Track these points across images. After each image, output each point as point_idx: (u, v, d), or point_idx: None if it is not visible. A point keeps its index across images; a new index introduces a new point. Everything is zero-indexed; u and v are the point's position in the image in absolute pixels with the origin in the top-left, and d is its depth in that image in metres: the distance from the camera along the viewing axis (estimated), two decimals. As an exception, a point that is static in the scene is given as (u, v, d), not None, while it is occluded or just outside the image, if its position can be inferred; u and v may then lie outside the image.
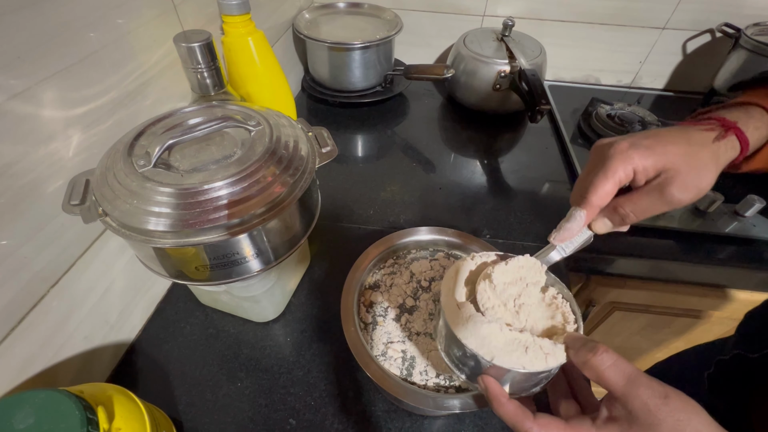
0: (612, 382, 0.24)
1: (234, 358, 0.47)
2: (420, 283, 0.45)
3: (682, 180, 0.28)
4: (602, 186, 0.29)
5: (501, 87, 0.80)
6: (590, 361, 0.25)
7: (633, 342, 0.86)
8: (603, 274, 0.66)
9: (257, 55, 0.57)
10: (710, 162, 0.29)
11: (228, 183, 0.32)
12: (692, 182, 0.28)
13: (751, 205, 0.62)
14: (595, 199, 0.29)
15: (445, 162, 0.77)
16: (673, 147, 0.28)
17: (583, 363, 0.25)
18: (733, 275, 0.63)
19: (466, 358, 0.29)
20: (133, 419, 0.32)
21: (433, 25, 0.96)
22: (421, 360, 0.39)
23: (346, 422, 0.42)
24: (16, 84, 0.31)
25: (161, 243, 0.32)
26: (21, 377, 0.34)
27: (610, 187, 0.29)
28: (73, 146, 0.36)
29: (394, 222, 0.64)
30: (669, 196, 0.28)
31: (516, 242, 0.61)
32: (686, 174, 0.28)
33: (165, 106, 0.48)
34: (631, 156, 0.28)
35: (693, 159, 0.28)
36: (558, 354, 0.27)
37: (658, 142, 0.29)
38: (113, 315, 0.45)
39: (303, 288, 0.55)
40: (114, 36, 0.39)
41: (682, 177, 0.28)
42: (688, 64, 0.96)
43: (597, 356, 0.24)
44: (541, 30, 0.90)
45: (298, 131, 0.40)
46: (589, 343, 0.25)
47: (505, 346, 0.27)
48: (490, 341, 0.27)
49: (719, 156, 0.29)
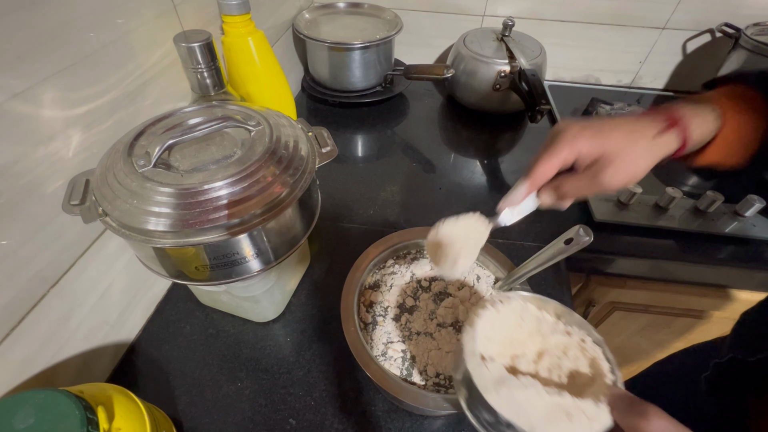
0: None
1: (234, 358, 0.47)
2: (420, 283, 0.45)
3: (615, 167, 0.31)
4: (545, 164, 0.32)
5: (501, 87, 0.80)
6: (639, 427, 0.21)
7: (633, 342, 0.86)
8: (603, 274, 0.66)
9: (257, 55, 0.57)
10: (645, 152, 0.31)
11: (228, 183, 0.32)
12: (624, 170, 0.31)
13: (751, 205, 0.62)
14: (537, 174, 0.33)
15: (445, 162, 0.77)
16: (615, 135, 0.31)
17: (631, 429, 0.22)
18: (733, 275, 0.63)
19: (499, 424, 0.25)
20: (133, 419, 0.32)
21: (433, 25, 0.96)
22: (421, 360, 0.39)
23: (346, 422, 0.42)
24: (16, 84, 0.31)
25: (161, 243, 0.32)
26: (21, 377, 0.34)
27: (551, 166, 0.32)
28: (73, 146, 0.36)
29: (394, 222, 0.64)
30: (601, 181, 0.31)
31: (516, 242, 0.61)
32: (619, 162, 0.30)
33: (165, 106, 0.47)
34: (576, 141, 0.31)
35: (629, 148, 0.31)
36: (603, 418, 0.23)
37: (603, 129, 0.31)
38: (113, 315, 0.45)
39: (303, 288, 0.55)
40: (114, 36, 0.39)
41: (615, 164, 0.30)
42: (688, 64, 0.96)
43: (649, 423, 0.21)
44: (541, 30, 0.90)
45: (298, 131, 0.40)
46: (636, 404, 0.22)
47: (545, 415, 0.23)
48: (527, 410, 0.24)
49: (656, 148, 0.32)
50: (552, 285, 0.55)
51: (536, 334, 0.30)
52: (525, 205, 0.35)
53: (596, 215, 0.63)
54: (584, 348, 0.28)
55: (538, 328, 0.30)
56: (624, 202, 0.65)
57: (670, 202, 0.63)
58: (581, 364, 0.28)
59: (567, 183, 0.33)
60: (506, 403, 0.24)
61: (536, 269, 0.39)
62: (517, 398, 0.24)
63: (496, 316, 0.30)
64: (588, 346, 0.28)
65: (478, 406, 0.26)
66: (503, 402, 0.24)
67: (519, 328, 0.31)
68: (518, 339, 0.30)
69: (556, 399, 0.24)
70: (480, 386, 0.25)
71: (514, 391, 0.25)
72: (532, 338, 0.30)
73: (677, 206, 0.64)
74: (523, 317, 0.31)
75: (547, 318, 0.31)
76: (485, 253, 0.46)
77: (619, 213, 0.64)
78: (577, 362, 0.28)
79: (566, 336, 0.29)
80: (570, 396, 0.24)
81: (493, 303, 0.30)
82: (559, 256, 0.37)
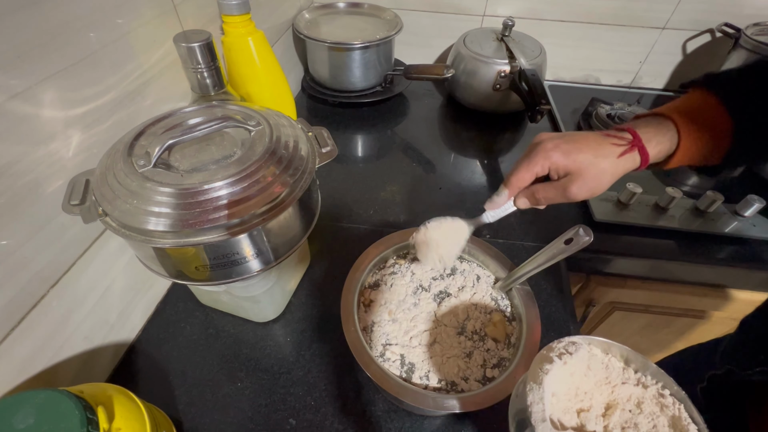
0: None
1: (234, 358, 0.47)
2: (421, 283, 0.45)
3: (581, 182, 0.36)
4: (522, 173, 0.38)
5: (501, 87, 0.80)
6: None
7: (633, 342, 0.86)
8: (603, 274, 0.66)
9: (257, 55, 0.57)
10: (608, 171, 0.36)
11: (228, 183, 0.32)
12: (588, 185, 0.36)
13: (751, 205, 0.62)
14: (515, 181, 0.38)
15: (445, 162, 0.77)
16: (583, 155, 0.36)
17: None
18: (733, 275, 0.63)
19: None
20: (133, 419, 0.32)
21: (433, 25, 0.96)
22: (422, 367, 0.38)
23: (346, 422, 0.42)
24: (16, 84, 0.31)
25: (161, 243, 0.32)
26: (21, 377, 0.34)
27: (528, 176, 0.38)
28: (73, 146, 0.36)
29: (394, 222, 0.64)
30: (568, 193, 0.36)
31: (516, 242, 0.61)
32: (584, 178, 0.36)
33: (165, 106, 0.47)
34: (550, 156, 0.36)
35: (594, 167, 0.36)
36: None
37: (574, 147, 0.36)
38: (113, 315, 0.45)
39: (303, 288, 0.55)
40: (114, 36, 0.39)
41: (581, 180, 0.36)
42: (688, 64, 0.96)
43: None
44: (541, 30, 0.90)
45: (298, 131, 0.40)
46: None
47: None
48: None
49: (619, 166, 0.37)
50: (552, 285, 0.55)
51: (604, 384, 0.27)
52: (505, 208, 0.41)
53: (596, 215, 0.63)
54: (663, 404, 0.25)
55: (606, 377, 0.27)
56: (624, 202, 0.65)
57: (670, 202, 0.63)
58: (660, 423, 0.24)
59: (540, 191, 0.38)
60: None
61: (536, 269, 0.39)
62: None
63: (563, 368, 0.27)
64: (668, 402, 0.25)
65: None
66: None
67: (585, 378, 0.28)
68: (584, 390, 0.27)
69: None
70: None
71: None
72: (599, 389, 0.27)
73: (677, 206, 0.64)
74: (590, 366, 0.28)
75: (615, 364, 0.28)
76: (485, 253, 0.46)
77: (619, 213, 0.64)
78: (655, 420, 0.25)
79: (640, 387, 0.26)
80: None
81: (560, 354, 0.27)
82: (559, 256, 0.37)
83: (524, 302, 0.42)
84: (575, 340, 0.28)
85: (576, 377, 0.27)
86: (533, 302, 0.42)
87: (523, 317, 0.41)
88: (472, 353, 0.39)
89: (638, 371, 0.27)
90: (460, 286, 0.44)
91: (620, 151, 0.36)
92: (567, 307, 0.53)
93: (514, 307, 0.43)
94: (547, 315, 0.52)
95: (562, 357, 0.27)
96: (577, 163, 0.36)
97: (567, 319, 0.52)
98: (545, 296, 0.54)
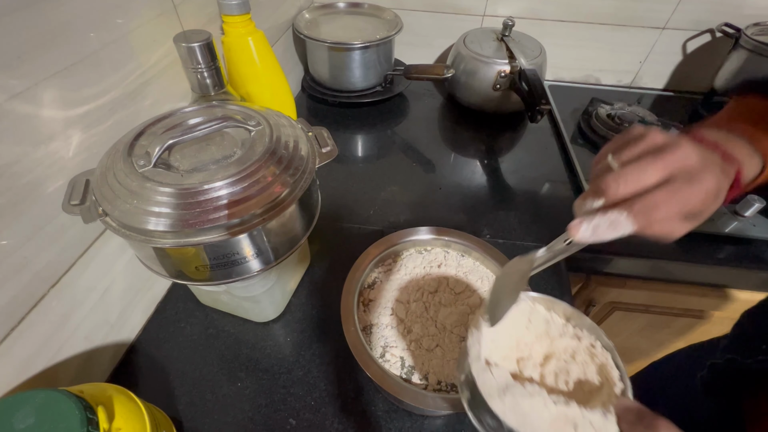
0: None
1: (234, 358, 0.47)
2: (421, 284, 0.45)
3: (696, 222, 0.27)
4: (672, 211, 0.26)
5: (501, 87, 0.80)
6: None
7: (633, 342, 0.86)
8: (603, 274, 0.66)
9: (257, 55, 0.57)
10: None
11: (228, 183, 0.32)
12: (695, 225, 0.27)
13: (751, 205, 0.62)
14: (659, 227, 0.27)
15: (445, 162, 0.77)
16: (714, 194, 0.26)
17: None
18: (733, 275, 0.63)
19: (501, 429, 0.24)
20: (133, 419, 0.32)
21: (433, 25, 0.96)
22: (422, 369, 0.38)
23: (346, 422, 0.42)
24: (16, 84, 0.31)
25: (161, 243, 0.32)
26: (21, 377, 0.34)
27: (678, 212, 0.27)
28: (73, 146, 0.36)
29: (394, 222, 0.64)
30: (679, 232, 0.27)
31: (516, 242, 0.61)
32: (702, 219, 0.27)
33: (165, 106, 0.47)
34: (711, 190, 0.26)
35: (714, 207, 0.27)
36: (610, 430, 0.23)
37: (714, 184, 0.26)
38: (113, 315, 0.45)
39: (303, 288, 0.55)
40: (114, 36, 0.39)
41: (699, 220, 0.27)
42: (688, 64, 0.96)
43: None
44: (541, 30, 0.90)
45: (298, 131, 0.40)
46: (645, 417, 0.22)
47: (551, 425, 0.23)
48: (532, 419, 0.23)
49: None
50: (552, 285, 0.55)
51: (544, 336, 0.29)
52: None
53: (596, 215, 0.63)
54: (593, 353, 0.27)
55: (546, 331, 0.30)
56: (624, 202, 0.64)
57: (670, 202, 0.63)
58: (589, 371, 0.27)
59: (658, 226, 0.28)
60: (511, 412, 0.23)
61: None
62: (522, 407, 0.23)
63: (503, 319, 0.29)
64: (597, 352, 0.27)
65: (481, 410, 0.25)
66: (508, 410, 0.24)
67: (526, 330, 0.30)
68: (525, 341, 0.29)
69: (563, 409, 0.23)
70: (484, 393, 0.24)
71: (519, 399, 0.24)
72: (539, 341, 0.29)
73: (677, 206, 0.64)
74: (531, 319, 0.30)
75: (556, 320, 0.30)
76: (485, 253, 0.46)
77: (619, 213, 0.64)
78: (585, 368, 0.27)
79: (575, 340, 0.29)
80: (577, 406, 0.24)
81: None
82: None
83: (524, 302, 0.42)
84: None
85: (518, 329, 0.29)
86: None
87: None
88: (472, 353, 0.39)
89: (576, 326, 0.29)
90: (461, 288, 0.44)
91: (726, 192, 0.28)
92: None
93: (514, 307, 0.43)
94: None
95: None
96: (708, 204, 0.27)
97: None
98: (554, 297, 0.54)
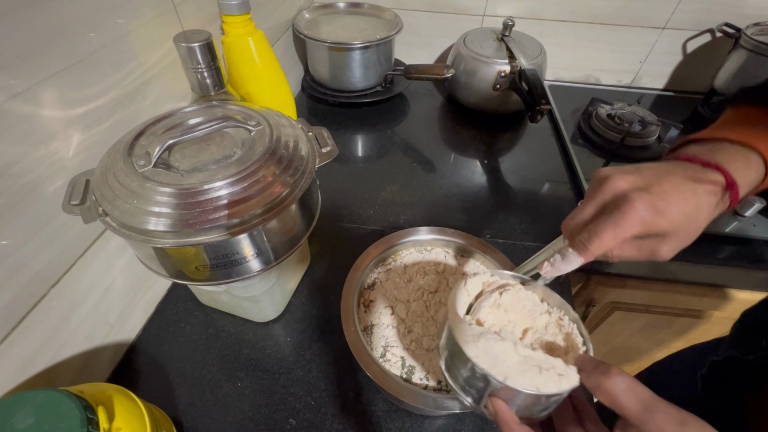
0: (627, 407, 0.22)
1: (234, 358, 0.47)
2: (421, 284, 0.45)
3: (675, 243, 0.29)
4: (608, 240, 0.28)
5: (501, 87, 0.80)
6: (603, 385, 0.23)
7: (633, 342, 0.86)
8: (603, 274, 0.66)
9: (257, 55, 0.57)
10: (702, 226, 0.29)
11: (228, 183, 0.32)
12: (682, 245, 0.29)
13: (751, 205, 0.62)
14: (597, 249, 0.28)
15: (445, 162, 0.77)
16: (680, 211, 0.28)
17: (596, 386, 0.24)
18: (733, 275, 0.63)
19: (474, 379, 0.27)
20: (133, 419, 0.32)
21: (433, 25, 0.96)
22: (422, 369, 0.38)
23: (346, 422, 0.42)
24: (16, 84, 0.31)
25: (161, 243, 0.32)
26: (21, 377, 0.34)
27: (615, 243, 0.28)
28: (73, 146, 0.36)
29: (394, 222, 0.64)
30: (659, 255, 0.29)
31: (516, 242, 0.61)
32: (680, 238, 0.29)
33: (165, 106, 0.48)
34: (644, 220, 0.27)
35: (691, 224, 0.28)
36: (571, 376, 0.25)
37: (669, 204, 0.28)
38: (113, 315, 0.45)
39: (303, 288, 0.55)
40: (114, 36, 0.39)
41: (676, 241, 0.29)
42: (688, 64, 0.96)
43: (610, 379, 0.23)
44: (541, 30, 0.90)
45: (298, 131, 0.40)
46: (601, 365, 0.24)
47: (518, 366, 0.25)
48: (503, 360, 0.25)
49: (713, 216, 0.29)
50: (552, 285, 0.55)
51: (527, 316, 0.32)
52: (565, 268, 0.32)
53: (596, 215, 0.63)
54: (561, 325, 0.31)
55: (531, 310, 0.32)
56: (624, 202, 0.64)
57: (670, 202, 0.63)
58: (558, 338, 0.30)
59: (617, 251, 0.30)
60: (483, 354, 0.26)
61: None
62: (493, 349, 0.26)
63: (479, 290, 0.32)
64: (564, 323, 0.31)
65: (456, 363, 0.28)
66: (480, 353, 0.26)
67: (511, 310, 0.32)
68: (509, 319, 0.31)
69: (530, 353, 0.26)
70: (460, 339, 0.27)
71: (492, 343, 0.26)
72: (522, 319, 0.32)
73: (677, 206, 0.64)
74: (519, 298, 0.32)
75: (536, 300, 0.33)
76: (485, 253, 0.46)
77: (619, 213, 0.64)
78: (555, 337, 0.30)
79: (547, 315, 0.32)
80: (543, 353, 0.26)
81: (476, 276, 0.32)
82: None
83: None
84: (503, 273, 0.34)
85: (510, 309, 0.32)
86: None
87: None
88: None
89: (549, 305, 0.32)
90: (460, 286, 0.44)
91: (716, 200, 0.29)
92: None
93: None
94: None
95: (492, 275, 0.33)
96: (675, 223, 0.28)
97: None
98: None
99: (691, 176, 0.29)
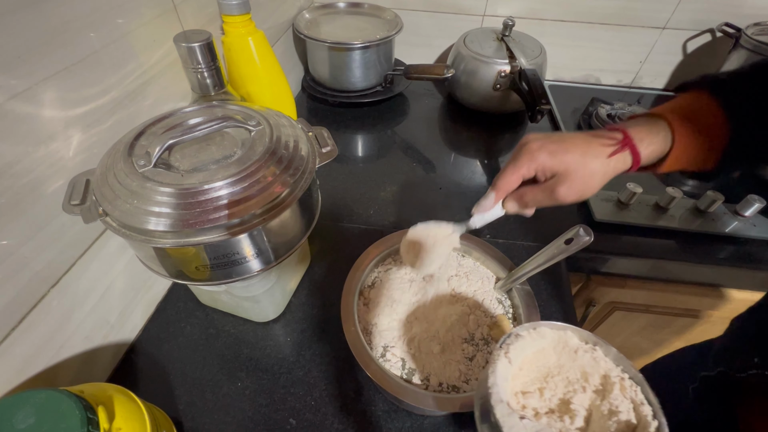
0: None
1: (234, 358, 0.47)
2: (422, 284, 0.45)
3: (568, 184, 0.34)
4: (508, 176, 0.36)
5: (501, 87, 0.80)
6: None
7: (633, 342, 0.85)
8: (603, 274, 0.66)
9: (257, 55, 0.57)
10: (597, 172, 0.34)
11: (228, 183, 0.32)
12: (576, 187, 0.34)
13: (751, 205, 0.62)
14: (501, 184, 0.37)
15: (445, 162, 0.77)
16: (571, 155, 0.34)
17: None
18: (734, 275, 0.63)
19: None
20: (133, 419, 0.32)
21: (433, 25, 0.96)
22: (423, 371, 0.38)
23: (346, 422, 0.42)
24: (16, 84, 0.31)
25: (161, 243, 0.32)
26: (21, 377, 0.34)
27: (514, 178, 0.36)
28: (73, 146, 0.36)
29: (395, 222, 0.64)
30: (556, 195, 0.34)
31: (516, 242, 0.61)
32: (572, 179, 0.34)
33: (165, 106, 0.47)
34: (536, 157, 0.35)
35: (583, 168, 0.34)
36: None
37: (561, 148, 0.34)
38: (113, 315, 0.45)
39: (303, 288, 0.55)
40: (114, 36, 0.39)
41: (569, 181, 0.34)
42: (688, 64, 0.96)
43: None
44: (541, 30, 0.90)
45: (298, 131, 0.40)
46: None
47: None
48: None
49: (609, 167, 0.35)
50: (552, 285, 0.55)
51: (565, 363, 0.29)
52: (493, 212, 0.39)
53: (596, 215, 0.63)
54: (623, 386, 0.26)
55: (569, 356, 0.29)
56: (624, 201, 0.65)
57: (670, 202, 0.63)
58: (622, 407, 0.25)
59: (528, 194, 0.37)
60: None
61: (536, 269, 0.39)
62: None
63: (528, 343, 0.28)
64: (626, 385, 0.26)
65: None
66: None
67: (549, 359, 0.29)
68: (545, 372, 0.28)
69: None
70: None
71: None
72: (560, 370, 0.28)
73: (677, 206, 0.64)
74: (555, 347, 0.29)
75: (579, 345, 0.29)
76: (485, 253, 0.46)
77: (620, 213, 0.64)
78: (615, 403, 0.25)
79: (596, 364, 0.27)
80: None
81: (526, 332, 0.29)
82: (559, 256, 0.37)
83: (524, 302, 0.42)
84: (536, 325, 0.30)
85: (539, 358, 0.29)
86: (533, 302, 0.42)
87: (522, 317, 0.41)
88: (475, 356, 0.39)
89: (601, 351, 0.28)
90: (462, 288, 0.44)
91: (610, 151, 0.34)
92: (567, 307, 0.53)
93: (515, 307, 0.43)
94: (547, 315, 0.52)
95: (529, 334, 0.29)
96: (565, 163, 0.34)
97: (567, 319, 0.52)
98: (545, 296, 0.54)
99: (593, 134, 0.36)
